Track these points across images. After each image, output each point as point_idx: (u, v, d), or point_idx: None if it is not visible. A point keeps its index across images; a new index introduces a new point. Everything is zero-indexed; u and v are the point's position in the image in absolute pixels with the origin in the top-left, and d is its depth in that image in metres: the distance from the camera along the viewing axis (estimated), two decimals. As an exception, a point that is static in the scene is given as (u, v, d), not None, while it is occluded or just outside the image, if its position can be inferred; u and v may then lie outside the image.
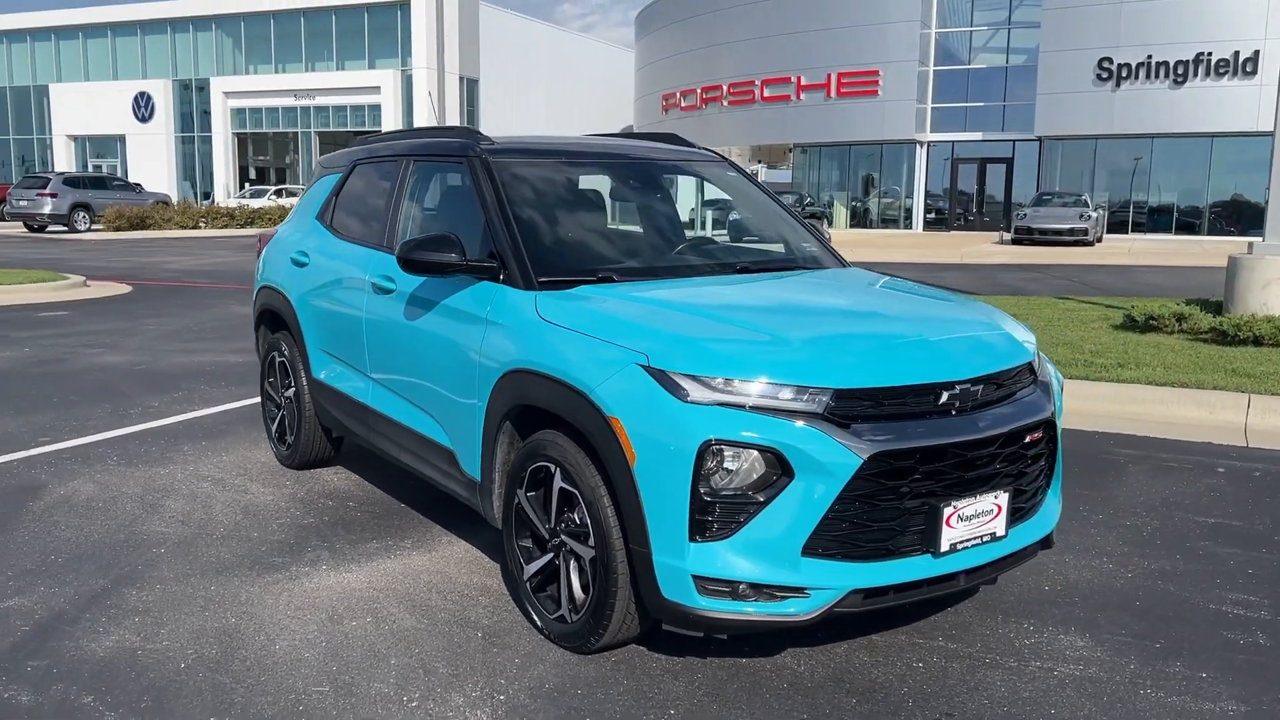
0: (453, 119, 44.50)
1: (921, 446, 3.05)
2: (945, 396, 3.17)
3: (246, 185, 47.22)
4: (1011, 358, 3.46)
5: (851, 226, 37.68)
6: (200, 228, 34.16)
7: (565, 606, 3.42)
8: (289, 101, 47.28)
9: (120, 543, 4.38)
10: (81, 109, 51.82)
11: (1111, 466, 5.67)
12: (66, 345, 9.86)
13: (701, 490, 2.95)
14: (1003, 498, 3.27)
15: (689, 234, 5.23)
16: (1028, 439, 3.35)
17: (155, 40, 51.02)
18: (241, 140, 50.48)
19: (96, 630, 3.56)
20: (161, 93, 50.28)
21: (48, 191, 31.89)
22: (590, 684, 3.22)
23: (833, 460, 2.93)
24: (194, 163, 50.87)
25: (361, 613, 3.71)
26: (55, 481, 5.25)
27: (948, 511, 3.13)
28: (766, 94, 37.88)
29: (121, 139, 51.65)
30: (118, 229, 31.56)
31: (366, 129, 44.12)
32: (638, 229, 4.66)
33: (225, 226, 34.58)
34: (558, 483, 3.38)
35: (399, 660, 3.37)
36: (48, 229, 32.20)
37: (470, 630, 3.58)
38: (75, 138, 52.74)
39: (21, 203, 32.05)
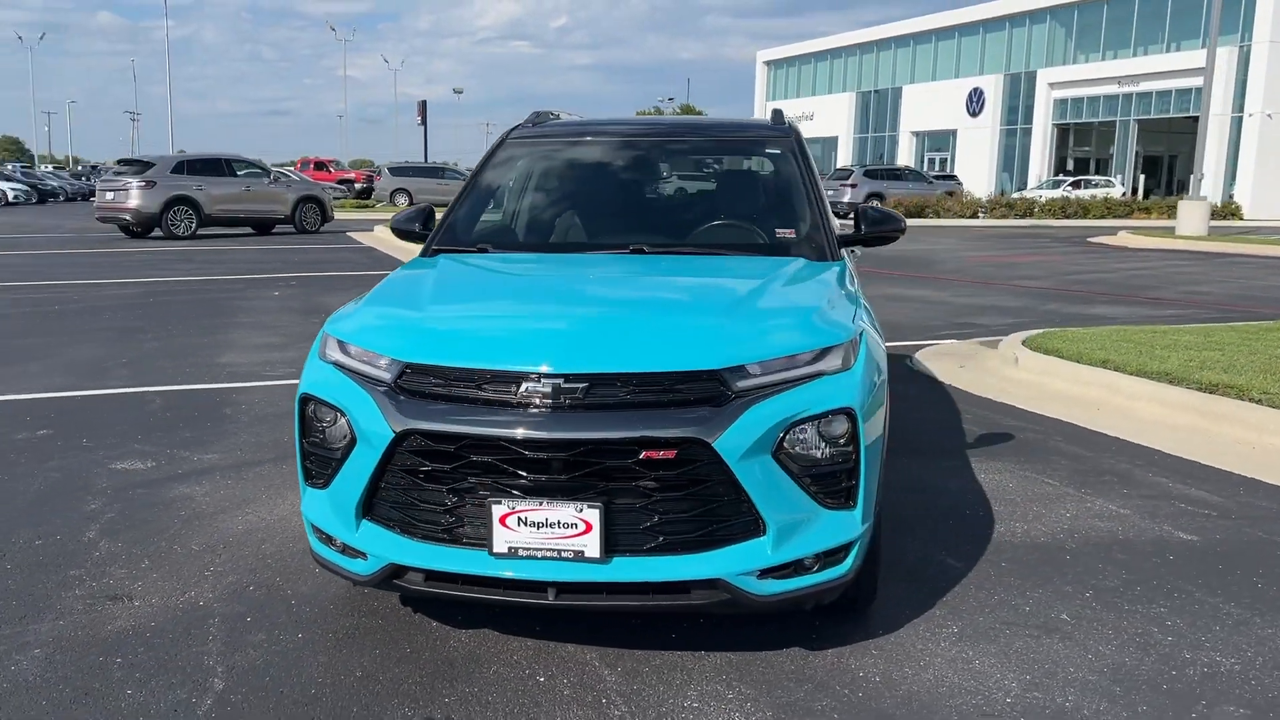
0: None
1: (463, 433, 2.92)
2: (525, 388, 2.93)
3: (1050, 177, 46.80)
4: (667, 362, 2.97)
5: None
6: (977, 217, 35.33)
7: None
8: (1111, 89, 45.48)
9: None
10: (923, 107, 56.49)
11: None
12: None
13: (305, 440, 3.27)
14: (591, 514, 2.89)
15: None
16: (644, 456, 2.87)
17: (993, 37, 53.13)
18: (1062, 131, 50.12)
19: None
20: (992, 87, 52.24)
21: (849, 183, 36.17)
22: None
23: (374, 429, 3.02)
24: (1013, 155, 51.98)
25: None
26: None
27: (501, 511, 2.93)
28: None
29: (953, 133, 55.04)
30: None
31: (1190, 114, 40.36)
32: (600, 204, 4.67)
33: (1003, 217, 35.26)
34: None
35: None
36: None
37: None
38: (917, 134, 57.75)
39: (829, 193, 36.92)
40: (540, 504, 2.90)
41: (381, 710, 2.95)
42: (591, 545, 2.90)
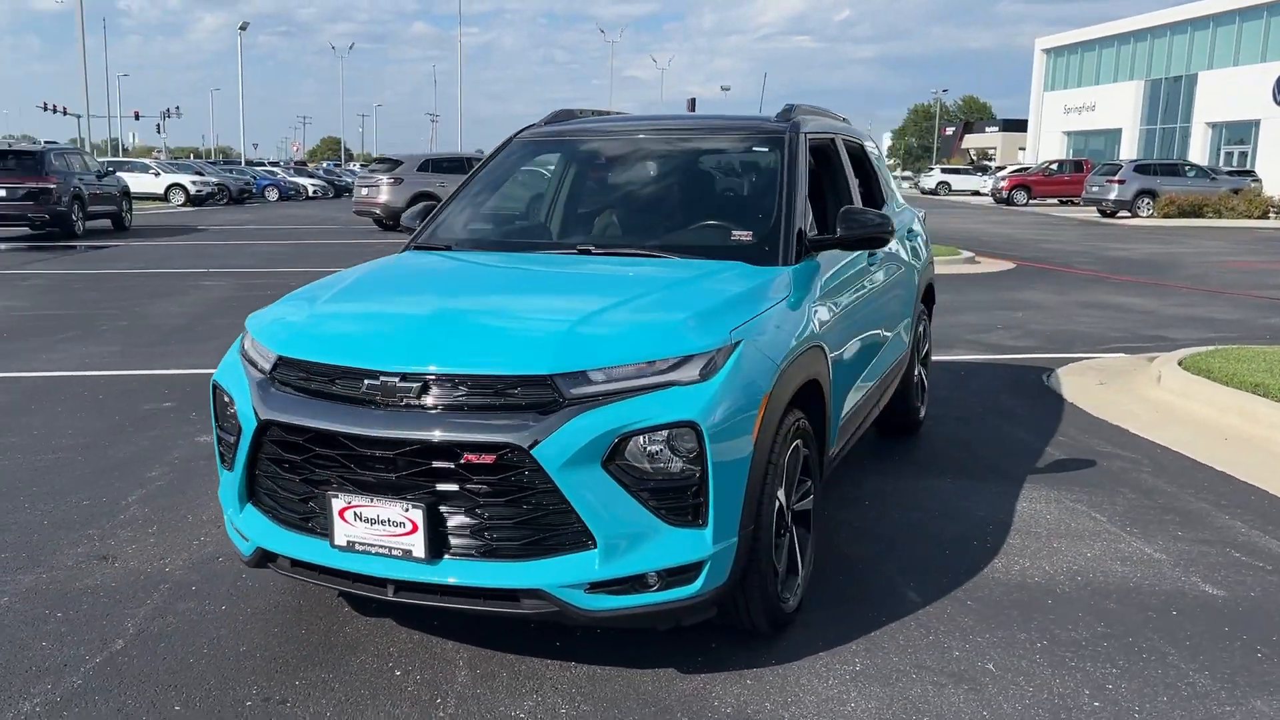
0: None
1: (309, 426, 3.03)
2: (367, 385, 3.01)
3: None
4: (500, 365, 2.94)
5: None
6: (1269, 217, 31.60)
7: None
8: None
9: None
10: (1222, 95, 51.13)
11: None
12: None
13: (215, 424, 3.49)
14: (416, 514, 2.92)
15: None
16: (465, 460, 2.87)
17: (1311, 16, 47.30)
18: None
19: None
20: (1304, 72, 46.54)
21: (1116, 179, 33.36)
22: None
23: (245, 417, 3.20)
24: (1328, 148, 46.06)
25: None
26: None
27: (340, 504, 3.02)
28: None
29: (1256, 124, 49.48)
30: (1166, 215, 31.42)
31: None
32: (568, 203, 4.68)
33: (1301, 217, 31.37)
34: None
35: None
36: (1116, 214, 33.67)
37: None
38: (1213, 125, 52.37)
39: (1094, 189, 34.23)
40: (372, 501, 2.97)
41: (233, 685, 3.12)
42: (417, 546, 2.93)
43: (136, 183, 34.09)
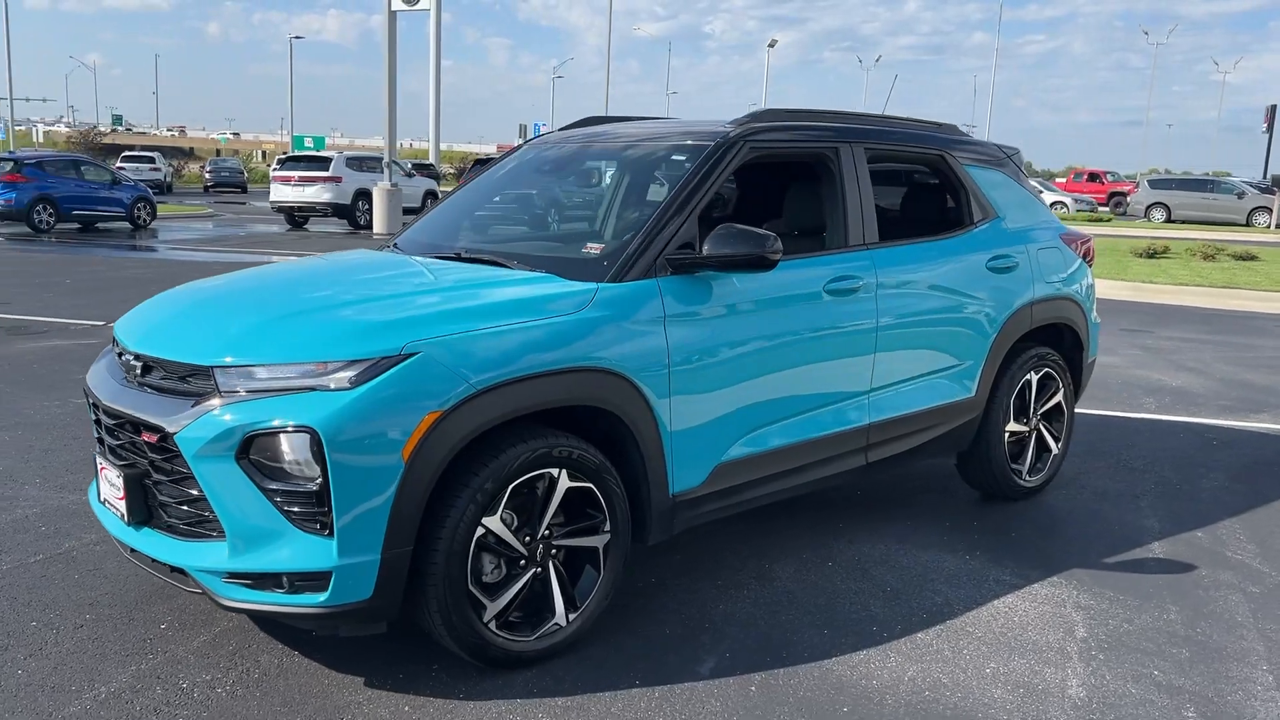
0: None
1: (89, 391, 3.41)
2: (123, 359, 3.33)
3: None
4: (181, 353, 3.11)
5: None
6: None
7: None
8: None
9: None
10: None
11: None
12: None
13: None
14: (118, 481, 3.17)
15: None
16: (142, 437, 3.08)
17: None
18: None
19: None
20: None
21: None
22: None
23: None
24: None
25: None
26: None
27: (100, 463, 3.32)
28: None
29: None
30: None
31: None
32: (483, 208, 4.65)
33: None
34: None
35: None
36: None
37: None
38: None
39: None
40: (104, 464, 3.27)
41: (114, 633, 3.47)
42: (123, 509, 3.16)
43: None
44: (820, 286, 3.99)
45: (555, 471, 3.21)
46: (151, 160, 41.27)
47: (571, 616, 3.33)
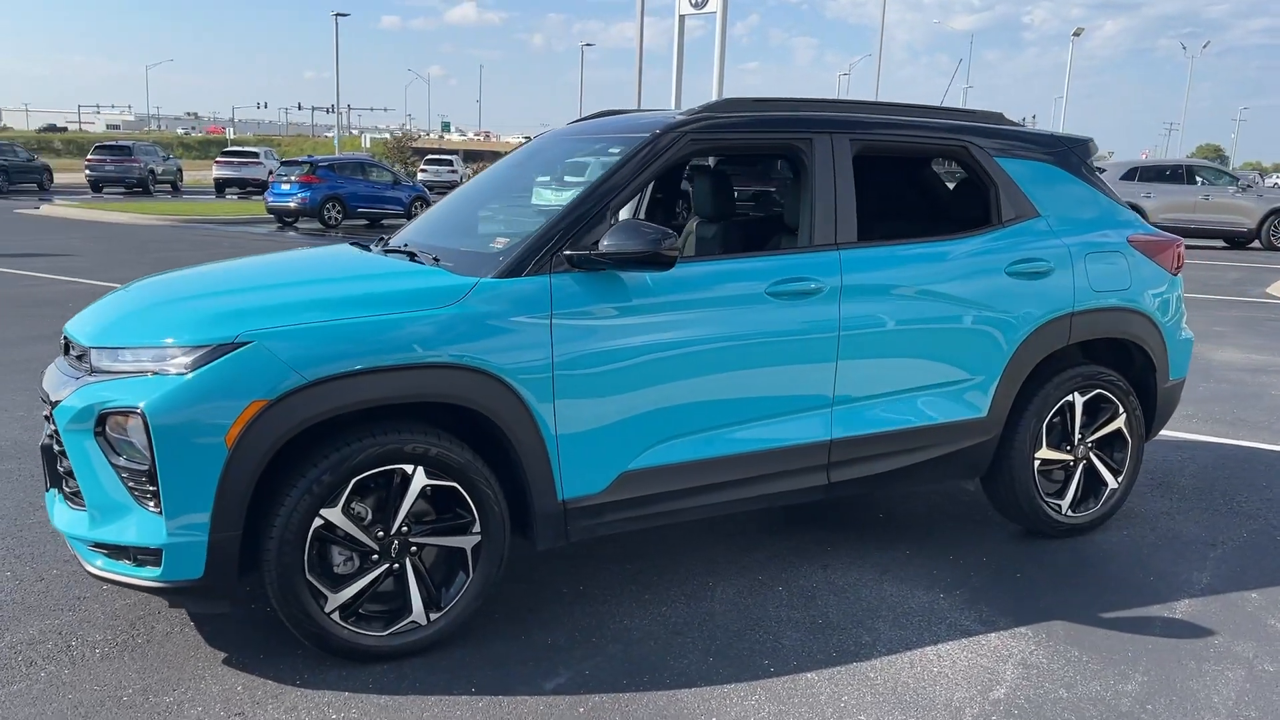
0: None
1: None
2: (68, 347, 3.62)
3: None
4: (88, 338, 3.30)
5: None
6: None
7: None
8: None
9: None
10: None
11: None
12: None
13: None
14: (45, 456, 3.46)
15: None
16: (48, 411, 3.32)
17: None
18: None
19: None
20: None
21: None
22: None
23: None
24: None
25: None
26: None
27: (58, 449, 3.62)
28: None
29: None
30: None
31: None
32: (451, 206, 4.59)
33: None
34: None
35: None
36: None
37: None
38: None
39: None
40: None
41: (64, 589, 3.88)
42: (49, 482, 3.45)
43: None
44: (761, 289, 3.71)
45: (409, 468, 3.20)
46: (449, 163, 44.72)
47: (433, 616, 3.32)
